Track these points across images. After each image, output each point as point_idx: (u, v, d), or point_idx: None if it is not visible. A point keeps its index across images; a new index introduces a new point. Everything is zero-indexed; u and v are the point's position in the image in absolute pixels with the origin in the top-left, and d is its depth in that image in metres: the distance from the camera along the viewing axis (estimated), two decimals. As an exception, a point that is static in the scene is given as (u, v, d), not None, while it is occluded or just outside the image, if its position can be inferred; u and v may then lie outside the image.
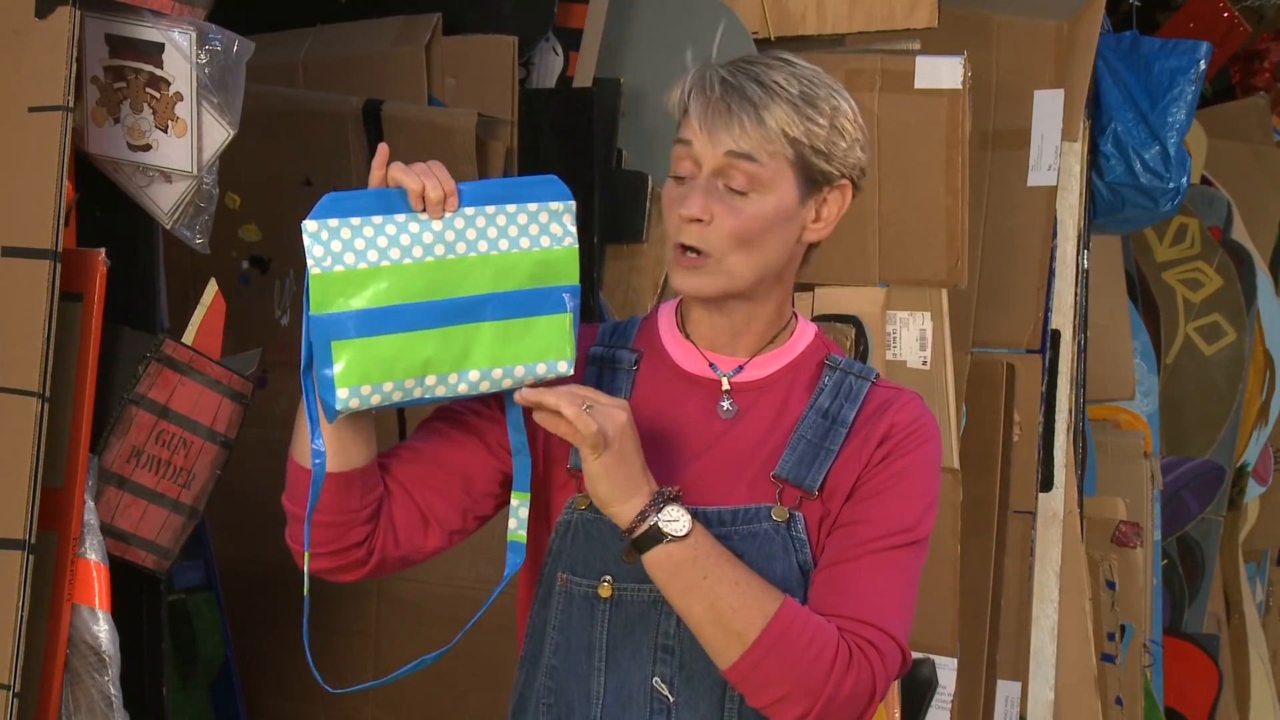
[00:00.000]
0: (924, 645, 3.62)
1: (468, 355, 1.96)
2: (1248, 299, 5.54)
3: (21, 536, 2.18)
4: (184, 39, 2.35)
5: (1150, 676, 4.87)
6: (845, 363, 2.13)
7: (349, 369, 1.91)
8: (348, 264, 1.91)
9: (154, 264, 2.54)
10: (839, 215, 2.10)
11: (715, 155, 2.03)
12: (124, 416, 2.39)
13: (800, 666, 1.95)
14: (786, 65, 2.06)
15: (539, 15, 3.39)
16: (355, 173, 3.22)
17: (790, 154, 2.03)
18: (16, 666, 2.17)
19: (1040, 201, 4.09)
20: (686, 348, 2.12)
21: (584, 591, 2.06)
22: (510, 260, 1.99)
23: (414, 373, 1.94)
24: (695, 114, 2.04)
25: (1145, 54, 4.40)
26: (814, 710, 1.96)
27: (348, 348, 1.91)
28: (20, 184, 2.22)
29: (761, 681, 1.96)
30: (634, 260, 3.36)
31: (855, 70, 3.57)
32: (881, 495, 2.05)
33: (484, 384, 1.98)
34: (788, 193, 2.05)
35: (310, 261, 1.91)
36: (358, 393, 1.91)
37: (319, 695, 3.37)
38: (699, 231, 2.03)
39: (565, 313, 2.01)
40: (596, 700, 2.06)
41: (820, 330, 2.18)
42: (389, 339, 1.92)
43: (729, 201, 2.03)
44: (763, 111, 2.01)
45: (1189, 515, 5.38)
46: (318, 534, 2.03)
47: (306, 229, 1.91)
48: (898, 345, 3.62)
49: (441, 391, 1.97)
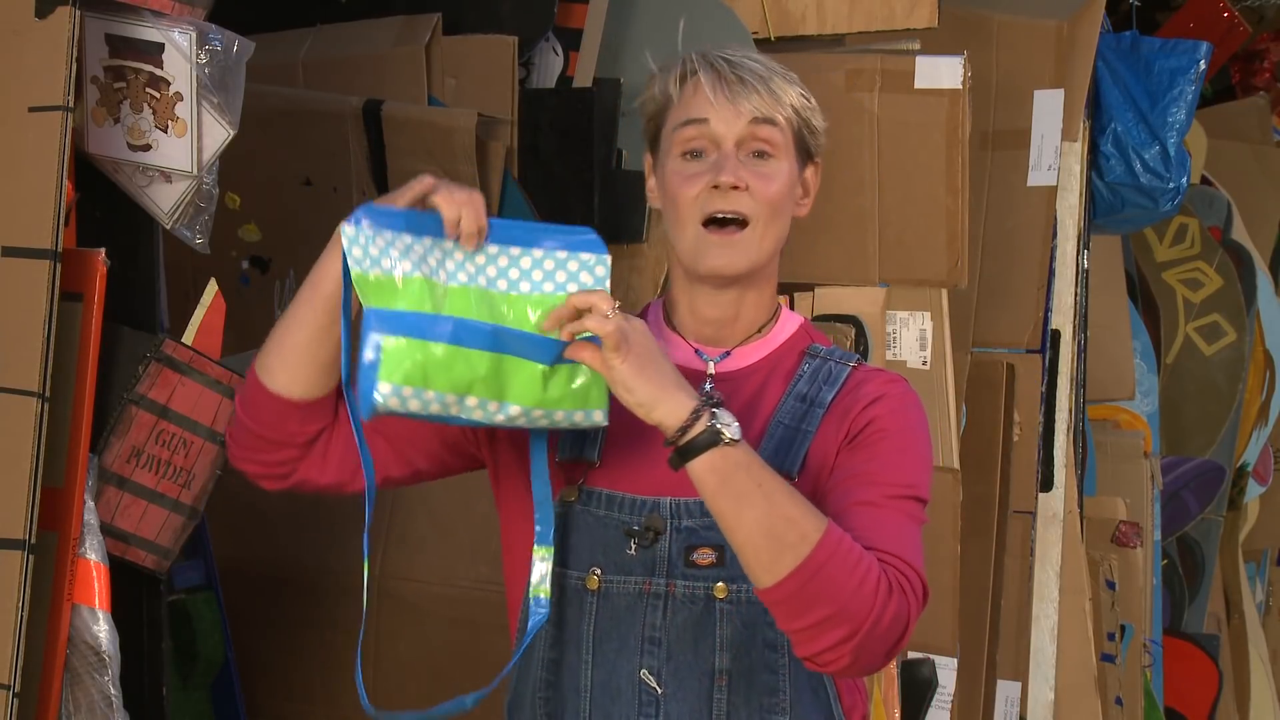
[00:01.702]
0: (924, 645, 3.62)
1: (510, 389, 1.92)
2: (1248, 299, 5.54)
3: (21, 536, 2.18)
4: (184, 39, 2.35)
5: (1150, 676, 4.87)
6: (826, 351, 2.13)
7: (394, 366, 1.88)
8: (385, 269, 1.90)
9: (154, 264, 2.54)
10: (814, 194, 2.17)
11: (739, 124, 2.07)
12: (124, 416, 2.39)
13: (849, 587, 1.89)
14: (756, 54, 2.15)
15: (539, 15, 3.39)
16: (355, 173, 3.22)
17: (795, 123, 2.10)
18: (16, 666, 2.17)
19: (1040, 201, 4.09)
20: (674, 340, 2.13)
21: (573, 584, 2.07)
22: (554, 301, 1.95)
23: (458, 390, 1.90)
24: (710, 87, 2.07)
25: (1145, 54, 4.40)
26: (857, 635, 1.90)
27: (397, 345, 1.88)
28: (20, 184, 2.22)
29: (809, 600, 1.89)
30: (634, 260, 3.36)
31: (855, 70, 3.57)
32: (881, 451, 2.04)
33: (520, 420, 1.95)
34: (792, 164, 2.11)
35: (351, 262, 1.90)
36: (399, 392, 1.88)
37: (319, 695, 3.38)
38: (739, 199, 2.05)
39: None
40: (585, 692, 2.06)
41: (806, 322, 2.20)
42: (442, 347, 1.88)
43: (756, 168, 2.07)
44: (770, 83, 2.08)
45: (1189, 515, 5.38)
46: (249, 440, 2.09)
47: (345, 232, 1.90)
48: (898, 345, 3.62)
49: (479, 416, 1.93)
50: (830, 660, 1.92)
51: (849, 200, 3.55)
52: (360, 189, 3.23)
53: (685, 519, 2.05)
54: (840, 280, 3.59)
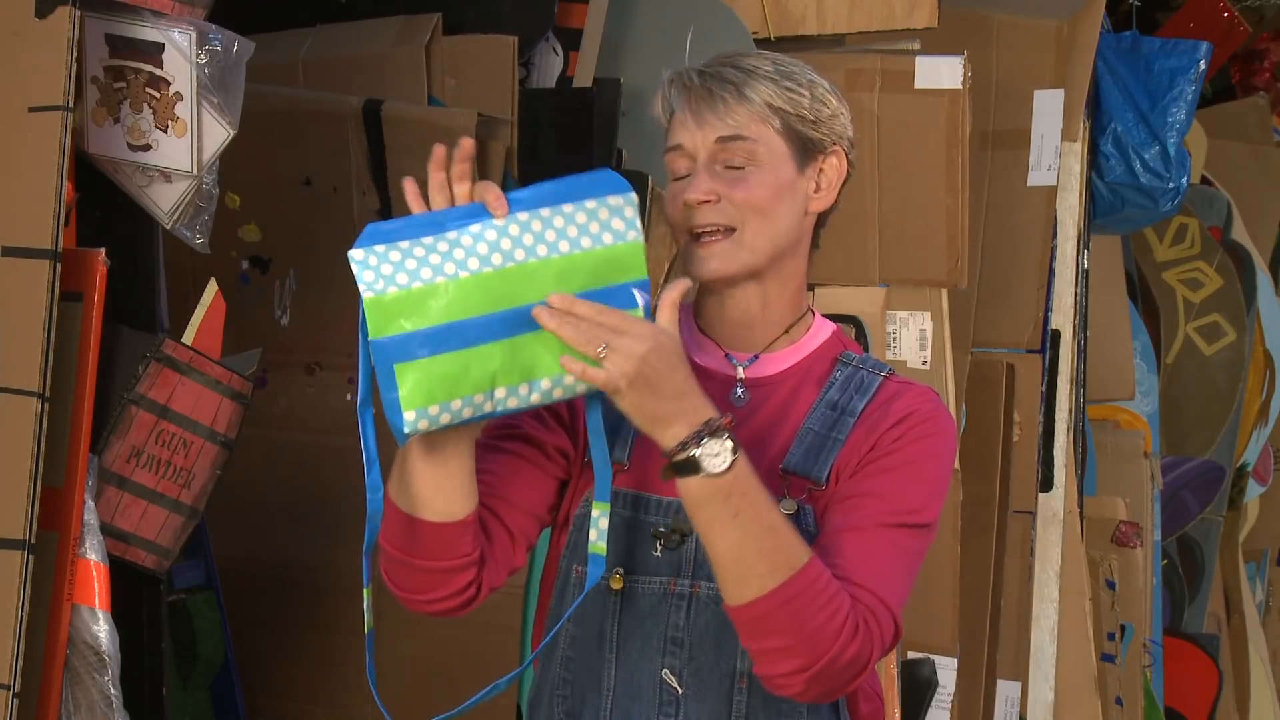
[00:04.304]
0: (924, 645, 3.62)
1: (537, 364, 1.89)
2: (1248, 299, 5.54)
3: (21, 536, 2.18)
4: (184, 39, 2.35)
5: (1150, 676, 4.87)
6: (859, 359, 2.13)
7: (414, 391, 1.84)
8: (401, 284, 1.84)
9: (154, 264, 2.54)
10: (839, 183, 2.14)
11: (706, 143, 2.06)
12: (124, 416, 2.39)
13: (811, 625, 1.91)
14: (760, 54, 2.12)
15: (539, 15, 3.38)
16: (355, 173, 3.22)
17: (778, 124, 2.07)
18: (16, 666, 2.17)
19: (1040, 201, 4.09)
20: (704, 343, 2.13)
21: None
22: (572, 261, 1.90)
23: (483, 387, 1.87)
24: (679, 107, 2.08)
25: (1145, 54, 4.40)
26: (812, 668, 1.92)
27: (411, 369, 1.84)
28: (20, 184, 2.22)
29: (765, 629, 1.92)
30: (634, 260, 3.35)
31: (855, 70, 3.57)
32: (892, 474, 2.03)
33: (557, 391, 1.91)
34: (785, 164, 2.08)
35: (362, 287, 1.84)
36: (425, 414, 1.85)
37: (319, 695, 3.38)
38: (711, 210, 2.06)
39: (636, 307, 1.92)
40: (607, 692, 2.07)
41: (839, 329, 2.19)
42: (453, 356, 1.85)
43: (729, 178, 2.06)
44: (743, 88, 2.06)
45: (1189, 515, 5.38)
46: (423, 581, 2.02)
47: (353, 258, 1.84)
48: (898, 345, 3.62)
49: (514, 404, 1.90)
50: (783, 685, 1.95)
51: (849, 200, 3.51)
52: (360, 189, 3.23)
53: None
54: (840, 280, 3.59)
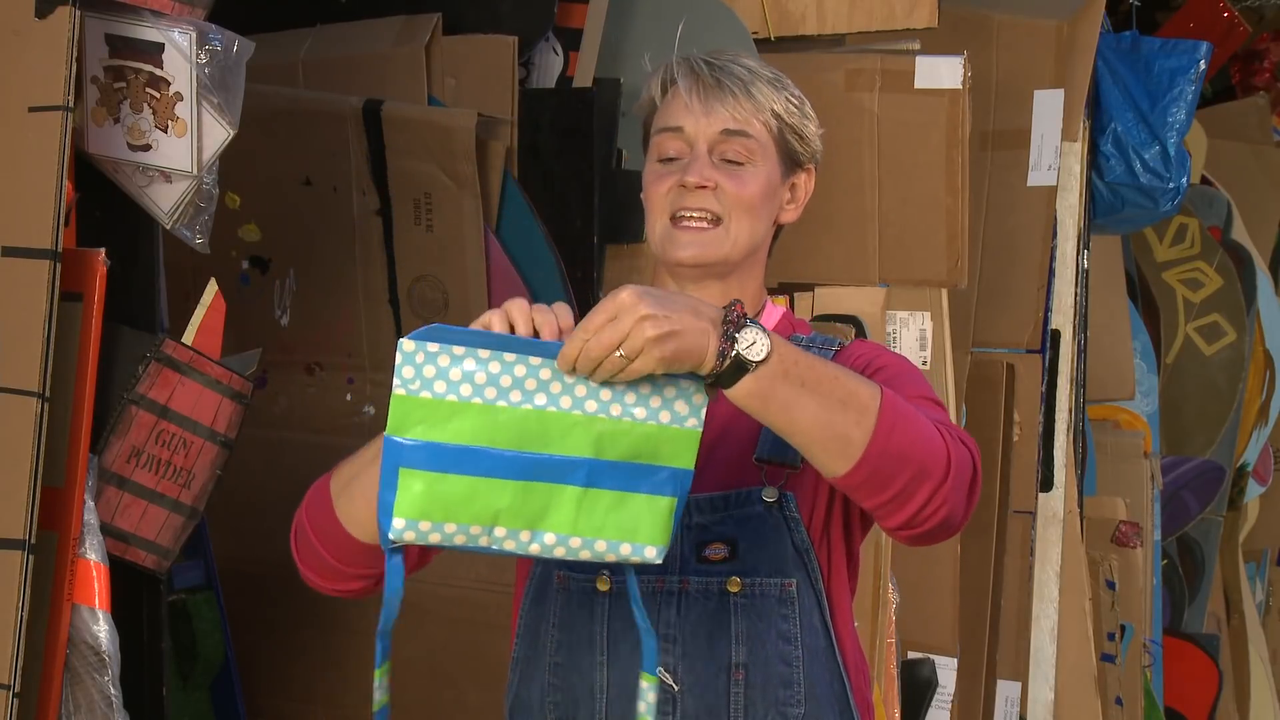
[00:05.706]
0: (924, 645, 3.62)
1: (545, 516, 1.81)
2: (1248, 299, 5.54)
3: (21, 536, 2.18)
4: (184, 39, 2.35)
5: (1150, 676, 4.87)
6: (809, 339, 2.13)
7: (411, 501, 1.78)
8: (436, 392, 1.77)
9: (154, 264, 2.54)
10: (805, 199, 2.17)
11: (711, 132, 2.08)
12: (124, 416, 2.39)
13: (920, 441, 1.83)
14: (750, 57, 2.15)
15: (539, 15, 3.38)
16: (355, 173, 3.22)
17: (775, 129, 2.10)
18: (16, 666, 2.17)
19: (1040, 201, 4.09)
20: None
21: (582, 586, 2.07)
22: (620, 428, 1.81)
23: (483, 521, 1.80)
24: (686, 92, 2.09)
25: (1145, 54, 4.40)
26: (943, 486, 1.84)
27: (415, 479, 1.78)
28: (20, 184, 2.22)
29: (887, 473, 1.82)
30: (634, 260, 3.36)
31: (855, 70, 3.57)
32: (888, 379, 2.00)
33: (559, 550, 1.83)
34: (774, 169, 2.12)
35: (397, 381, 1.77)
36: (415, 527, 1.79)
37: (319, 695, 3.38)
38: (705, 196, 2.07)
39: (669, 497, 1.83)
40: (601, 694, 2.06)
41: (789, 311, 2.21)
42: (461, 480, 1.78)
43: (728, 171, 2.08)
44: (750, 87, 2.09)
45: (1189, 515, 5.38)
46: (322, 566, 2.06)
47: (402, 348, 1.77)
48: (898, 345, 3.62)
49: (510, 546, 1.82)
50: (926, 519, 1.87)
51: (849, 200, 3.55)
52: (360, 189, 3.23)
53: (696, 515, 2.05)
54: (840, 280, 3.59)
